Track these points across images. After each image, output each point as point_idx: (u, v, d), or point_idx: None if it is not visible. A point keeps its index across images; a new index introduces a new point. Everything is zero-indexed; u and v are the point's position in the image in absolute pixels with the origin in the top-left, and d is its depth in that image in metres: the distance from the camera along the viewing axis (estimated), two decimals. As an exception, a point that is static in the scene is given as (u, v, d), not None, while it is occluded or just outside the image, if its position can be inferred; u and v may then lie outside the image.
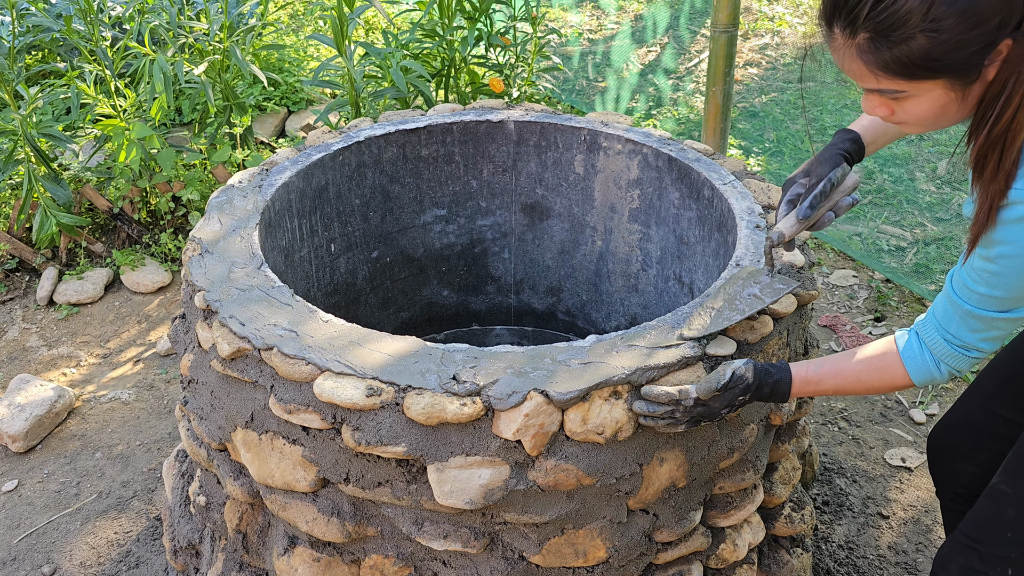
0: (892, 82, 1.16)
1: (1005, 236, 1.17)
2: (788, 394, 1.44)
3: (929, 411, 2.71)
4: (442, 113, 2.38)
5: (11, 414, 2.62)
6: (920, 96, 1.16)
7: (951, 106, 1.17)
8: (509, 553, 1.57)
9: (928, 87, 1.15)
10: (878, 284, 3.26)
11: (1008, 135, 1.13)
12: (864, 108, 1.24)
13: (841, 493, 2.44)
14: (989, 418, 1.69)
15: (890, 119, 1.23)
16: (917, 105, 1.18)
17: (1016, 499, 1.50)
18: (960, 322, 1.29)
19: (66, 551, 2.31)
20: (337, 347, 1.52)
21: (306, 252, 2.22)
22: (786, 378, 1.43)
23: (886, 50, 1.12)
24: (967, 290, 1.26)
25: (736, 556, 1.74)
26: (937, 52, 1.09)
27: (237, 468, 1.74)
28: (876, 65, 1.14)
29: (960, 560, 1.57)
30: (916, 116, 1.20)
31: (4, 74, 3.15)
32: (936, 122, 1.21)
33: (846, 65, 1.18)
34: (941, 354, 1.33)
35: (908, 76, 1.13)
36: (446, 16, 3.41)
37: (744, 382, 1.40)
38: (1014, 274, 1.19)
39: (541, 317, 2.69)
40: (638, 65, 5.05)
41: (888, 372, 1.38)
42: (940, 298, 1.32)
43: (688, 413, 1.41)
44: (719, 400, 1.40)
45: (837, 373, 1.42)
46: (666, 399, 1.40)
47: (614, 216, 2.38)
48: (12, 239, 3.32)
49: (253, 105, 4.15)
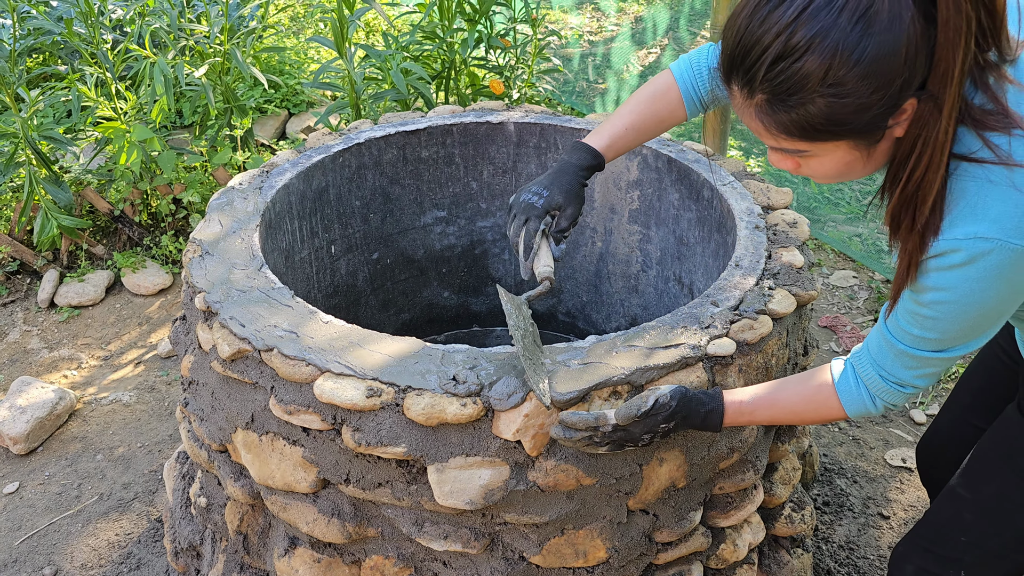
0: (793, 143, 1.11)
1: (938, 282, 1.14)
2: (720, 425, 1.41)
3: (929, 411, 2.71)
4: (442, 115, 2.38)
5: (12, 416, 2.62)
6: (824, 155, 1.13)
7: (856, 164, 1.14)
8: (509, 553, 1.57)
9: (830, 148, 1.11)
10: (878, 285, 3.26)
11: (919, 193, 1.10)
12: (770, 161, 1.20)
13: (841, 493, 2.44)
14: (968, 429, 1.69)
15: (797, 172, 1.20)
16: (822, 163, 1.14)
17: (972, 503, 1.49)
18: (895, 360, 1.26)
19: (67, 553, 2.31)
20: (337, 348, 1.52)
21: (306, 254, 2.22)
22: (718, 408, 1.40)
23: (783, 113, 1.07)
24: (901, 331, 1.23)
25: (736, 556, 1.74)
26: (838, 116, 1.05)
27: (238, 469, 1.74)
28: (775, 127, 1.10)
29: (916, 561, 1.57)
30: (822, 173, 1.16)
31: (5, 77, 3.16)
32: (843, 176, 1.17)
33: (746, 122, 1.14)
34: (876, 389, 1.30)
35: (808, 138, 1.09)
36: (446, 18, 3.42)
37: (667, 410, 1.36)
38: (948, 319, 1.17)
39: (541, 318, 2.69)
40: (638, 67, 5.05)
41: (823, 405, 1.35)
42: (874, 334, 1.29)
43: (608, 438, 1.38)
44: (639, 426, 1.36)
45: (772, 404, 1.39)
46: (583, 426, 1.37)
47: (614, 217, 2.39)
48: (13, 241, 3.33)
49: (253, 107, 4.16)
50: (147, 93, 3.24)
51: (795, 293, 1.68)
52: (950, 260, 1.11)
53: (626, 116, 1.62)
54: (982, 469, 1.50)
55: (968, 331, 1.19)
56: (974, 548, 1.51)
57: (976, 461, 1.51)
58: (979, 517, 1.49)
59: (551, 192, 1.57)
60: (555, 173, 1.59)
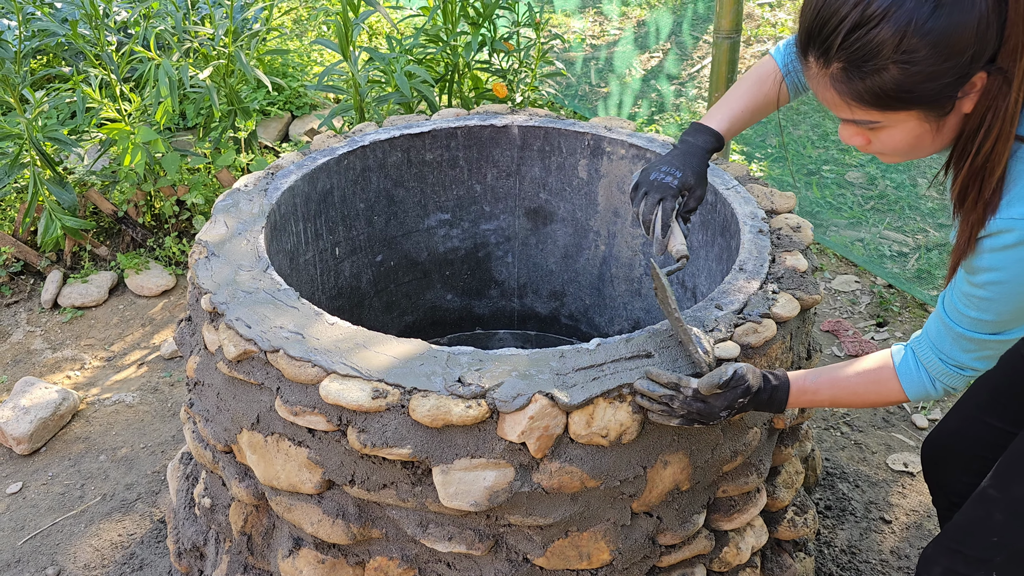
0: (865, 112, 1.16)
1: (992, 263, 1.18)
2: (785, 403, 1.44)
3: (932, 416, 2.72)
4: (446, 118, 2.39)
5: (16, 416, 2.63)
6: (894, 127, 1.17)
7: (926, 137, 1.18)
8: (513, 555, 1.57)
9: (902, 118, 1.15)
10: (880, 289, 3.27)
11: (987, 167, 1.14)
12: (841, 137, 1.25)
13: (844, 498, 2.44)
14: (982, 428, 1.69)
15: (867, 149, 1.24)
16: (892, 136, 1.18)
17: (1004, 503, 1.50)
18: (953, 343, 1.30)
19: (70, 553, 2.31)
20: (343, 349, 1.53)
21: (311, 255, 2.23)
22: (784, 387, 1.43)
23: (859, 80, 1.12)
24: (958, 313, 1.27)
25: (739, 559, 1.74)
26: (909, 83, 1.09)
27: (242, 470, 1.74)
28: (849, 95, 1.14)
29: (944, 562, 1.58)
30: (891, 146, 1.20)
31: (10, 78, 3.17)
32: (912, 152, 1.21)
33: (820, 94, 1.19)
34: (936, 373, 1.34)
35: (881, 107, 1.14)
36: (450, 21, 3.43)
37: (745, 383, 1.40)
38: (1002, 299, 1.21)
39: (544, 321, 2.70)
40: (641, 71, 5.06)
41: (884, 387, 1.39)
42: (933, 319, 1.34)
43: (685, 406, 1.40)
44: (719, 399, 1.40)
45: (834, 385, 1.43)
46: (666, 380, 1.40)
47: (617, 220, 2.39)
48: (17, 242, 3.34)
49: (257, 109, 4.17)
50: (151, 95, 3.25)
51: (799, 297, 1.68)
52: (1004, 240, 1.15)
53: (741, 98, 1.65)
54: (1014, 470, 1.51)
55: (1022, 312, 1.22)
56: (1004, 548, 1.51)
57: (1008, 462, 1.52)
58: (1010, 517, 1.50)
59: (684, 173, 1.57)
60: (682, 154, 1.60)
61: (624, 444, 1.47)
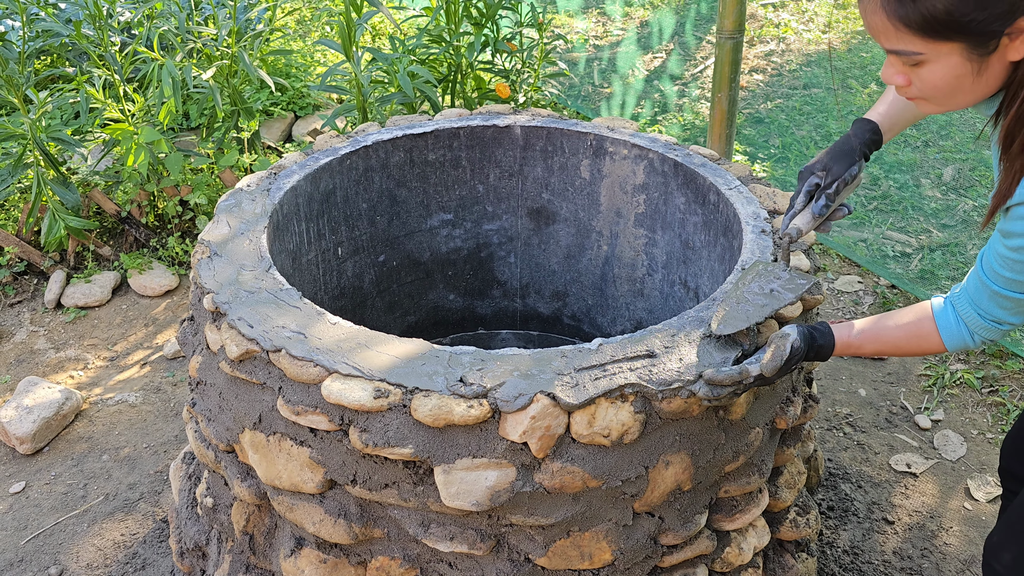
0: (911, 41, 1.18)
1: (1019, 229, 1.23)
2: (829, 356, 1.51)
3: (934, 416, 2.71)
4: (449, 118, 2.39)
5: (19, 416, 2.63)
6: (936, 62, 1.19)
7: (966, 79, 1.20)
8: (515, 555, 1.57)
9: (945, 51, 1.17)
10: (883, 290, 3.26)
11: None
12: (883, 77, 1.27)
13: (846, 498, 2.44)
14: None
15: (907, 91, 1.27)
16: (932, 72, 1.21)
17: None
18: (990, 300, 1.35)
19: (73, 553, 2.32)
20: (345, 349, 1.53)
21: (313, 255, 2.23)
22: (829, 343, 1.49)
23: (910, 3, 1.14)
24: (994, 272, 1.31)
25: (741, 560, 1.74)
26: (960, 10, 1.12)
27: (244, 470, 1.74)
28: (898, 18, 1.16)
29: (1013, 549, 1.56)
30: (931, 85, 1.23)
31: (14, 78, 3.17)
32: (951, 96, 1.24)
33: (869, 18, 1.21)
34: (974, 326, 1.39)
35: (927, 34, 1.16)
36: (453, 22, 3.43)
37: (800, 352, 1.45)
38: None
39: (547, 321, 2.70)
40: (644, 71, 5.06)
41: (925, 339, 1.44)
42: (972, 275, 1.38)
43: (748, 388, 1.47)
44: (779, 373, 1.46)
45: (877, 339, 1.48)
46: (729, 382, 1.44)
47: (620, 221, 2.39)
48: (21, 242, 3.34)
49: (260, 110, 4.17)
50: (155, 95, 3.25)
51: (802, 297, 1.68)
52: None
53: None
54: None
55: None
56: None
57: None
58: None
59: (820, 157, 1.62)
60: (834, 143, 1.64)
61: (626, 444, 1.47)
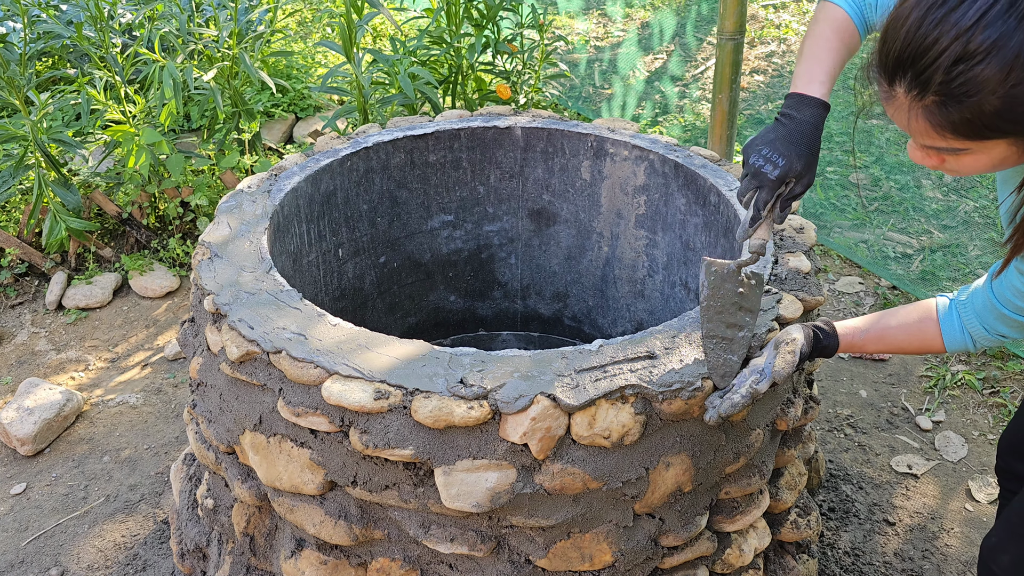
0: (957, 141, 1.12)
1: None
2: (833, 355, 1.53)
3: (935, 418, 2.71)
4: (450, 119, 2.39)
5: (20, 417, 2.63)
6: (982, 153, 1.14)
7: (1010, 159, 1.15)
8: (515, 557, 1.57)
9: (992, 144, 1.12)
10: (884, 291, 3.26)
11: None
12: (911, 158, 1.22)
13: (847, 500, 2.43)
14: None
15: (939, 168, 1.21)
16: (976, 160, 1.16)
17: None
18: (998, 319, 1.37)
19: (74, 554, 2.32)
20: (345, 350, 1.53)
21: (314, 257, 2.23)
22: (833, 344, 1.50)
23: (955, 112, 1.08)
24: (1006, 299, 1.33)
25: (742, 561, 1.74)
26: (1011, 114, 1.06)
27: (245, 471, 1.74)
28: (944, 126, 1.10)
29: (1012, 550, 1.55)
30: (972, 169, 1.18)
31: (15, 80, 3.18)
32: (989, 171, 1.20)
33: (903, 121, 1.15)
34: (978, 337, 1.42)
35: (976, 136, 1.10)
36: (453, 23, 3.43)
37: (805, 355, 1.47)
38: None
39: (547, 323, 2.70)
40: (644, 72, 5.06)
41: (927, 340, 1.46)
42: (981, 294, 1.39)
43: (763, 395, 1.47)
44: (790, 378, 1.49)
45: (880, 338, 1.49)
46: (744, 405, 1.44)
47: (620, 222, 2.39)
48: (22, 244, 3.35)
49: (261, 111, 4.17)
50: (156, 97, 3.26)
51: (802, 298, 1.68)
52: None
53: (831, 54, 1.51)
54: None
55: None
56: None
57: None
58: None
59: (787, 160, 1.44)
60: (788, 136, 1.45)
61: (626, 445, 1.47)
